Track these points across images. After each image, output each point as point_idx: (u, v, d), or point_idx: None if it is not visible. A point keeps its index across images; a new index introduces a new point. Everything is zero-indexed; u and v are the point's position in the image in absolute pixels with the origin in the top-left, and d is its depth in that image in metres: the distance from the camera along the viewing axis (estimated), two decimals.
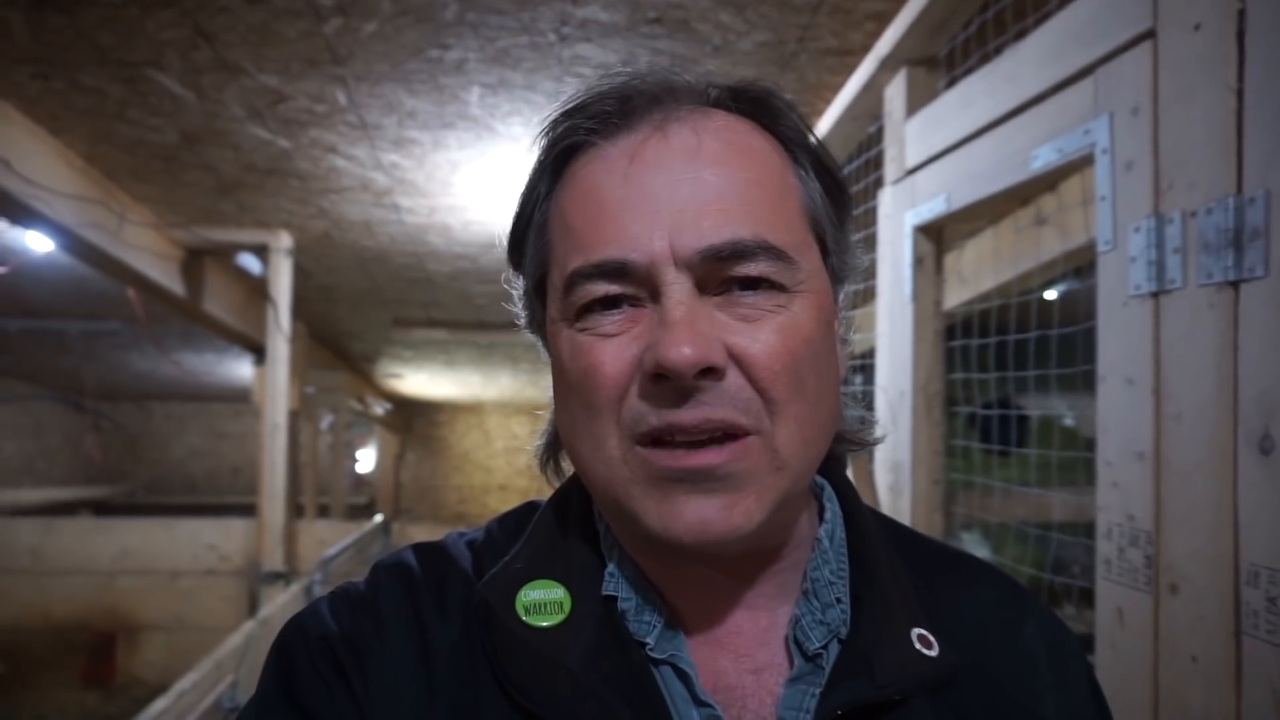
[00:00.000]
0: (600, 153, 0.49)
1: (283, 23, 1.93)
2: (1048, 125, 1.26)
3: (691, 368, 0.44)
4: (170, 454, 10.66)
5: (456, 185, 3.04)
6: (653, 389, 0.45)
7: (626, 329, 0.47)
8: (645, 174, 0.47)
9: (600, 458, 0.48)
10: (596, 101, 0.50)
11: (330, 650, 0.50)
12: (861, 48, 1.99)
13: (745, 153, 0.49)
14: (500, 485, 11.95)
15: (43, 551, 4.87)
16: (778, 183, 0.50)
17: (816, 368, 0.48)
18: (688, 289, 0.46)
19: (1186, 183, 0.97)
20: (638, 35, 1.97)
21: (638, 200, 0.47)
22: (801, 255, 0.49)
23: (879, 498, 1.86)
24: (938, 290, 1.74)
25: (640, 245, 0.46)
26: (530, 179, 0.54)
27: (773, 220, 0.48)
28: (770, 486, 0.47)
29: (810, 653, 0.51)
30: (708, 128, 0.49)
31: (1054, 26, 1.25)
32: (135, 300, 4.03)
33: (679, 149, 0.48)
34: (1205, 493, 0.93)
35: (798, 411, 0.47)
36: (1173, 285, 0.98)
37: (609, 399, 0.47)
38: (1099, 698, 0.58)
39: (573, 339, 0.49)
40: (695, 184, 0.47)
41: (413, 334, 5.83)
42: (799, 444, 0.47)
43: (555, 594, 0.51)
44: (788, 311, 0.48)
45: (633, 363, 0.46)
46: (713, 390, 0.45)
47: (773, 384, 0.46)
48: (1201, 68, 0.95)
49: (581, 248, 0.48)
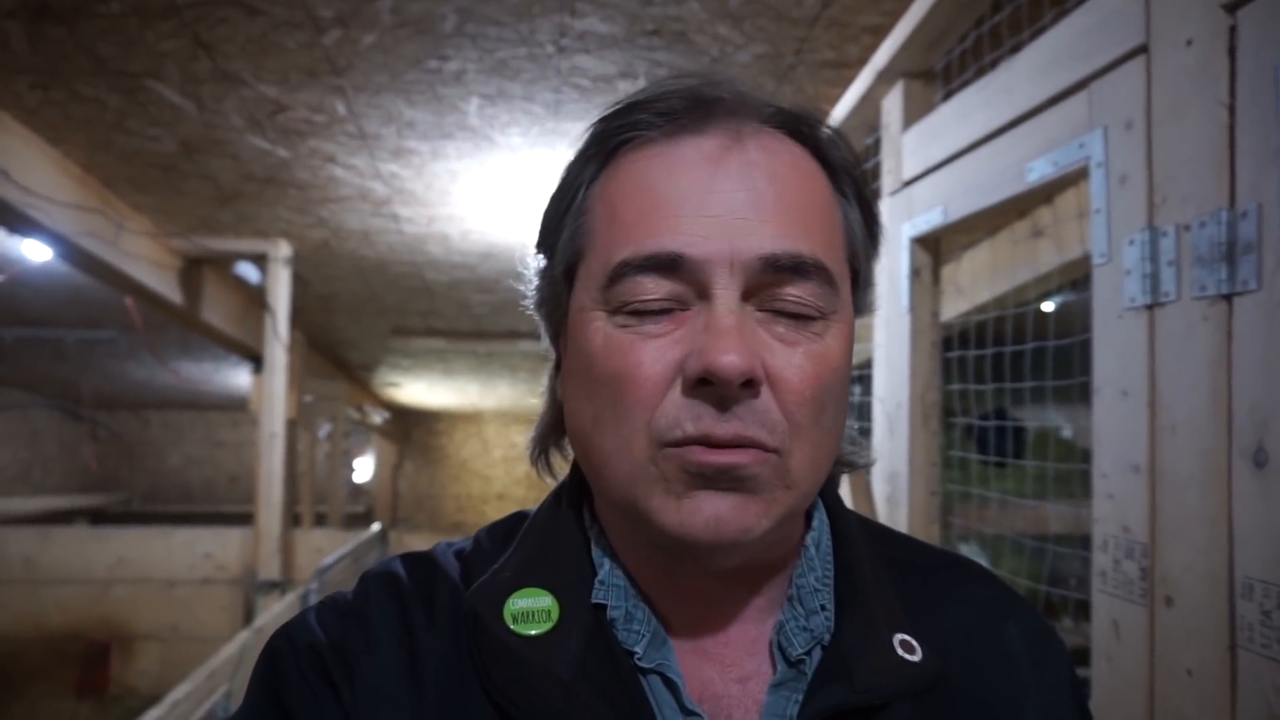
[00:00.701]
0: (659, 149, 0.49)
1: (282, 34, 1.94)
2: (1043, 138, 1.27)
3: (739, 376, 0.44)
4: (167, 462, 10.63)
5: (455, 195, 3.04)
6: (694, 392, 0.46)
7: (669, 330, 0.47)
8: (715, 178, 0.48)
9: (626, 457, 0.48)
10: (665, 99, 0.50)
11: (319, 660, 0.50)
12: (858, 61, 2.00)
13: (807, 176, 0.50)
14: (498, 494, 11.92)
15: (38, 560, 4.84)
16: (830, 211, 0.51)
17: (838, 397, 0.50)
18: (736, 297, 0.47)
19: (1180, 196, 0.97)
20: (636, 47, 1.98)
21: (702, 199, 0.47)
22: (842, 284, 0.51)
23: (876, 509, 1.86)
24: (935, 301, 1.74)
25: (697, 243, 0.46)
26: (574, 164, 0.53)
27: (826, 244, 0.49)
28: (779, 501, 0.47)
29: (793, 659, 0.51)
30: (773, 146, 0.50)
31: (1048, 41, 1.26)
32: (133, 309, 4.03)
33: (752, 162, 0.48)
34: (1200, 505, 0.93)
35: (814, 437, 0.48)
36: (1167, 298, 0.98)
37: (644, 399, 0.47)
38: (1081, 699, 0.58)
39: (609, 333, 0.48)
40: (762, 197, 0.48)
41: (411, 343, 5.82)
42: (809, 467, 0.48)
43: (543, 602, 0.51)
44: (822, 341, 0.49)
45: (672, 366, 0.46)
46: (747, 405, 0.46)
47: (799, 409, 0.47)
48: (1194, 83, 0.95)
49: (632, 239, 0.48)
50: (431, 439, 11.96)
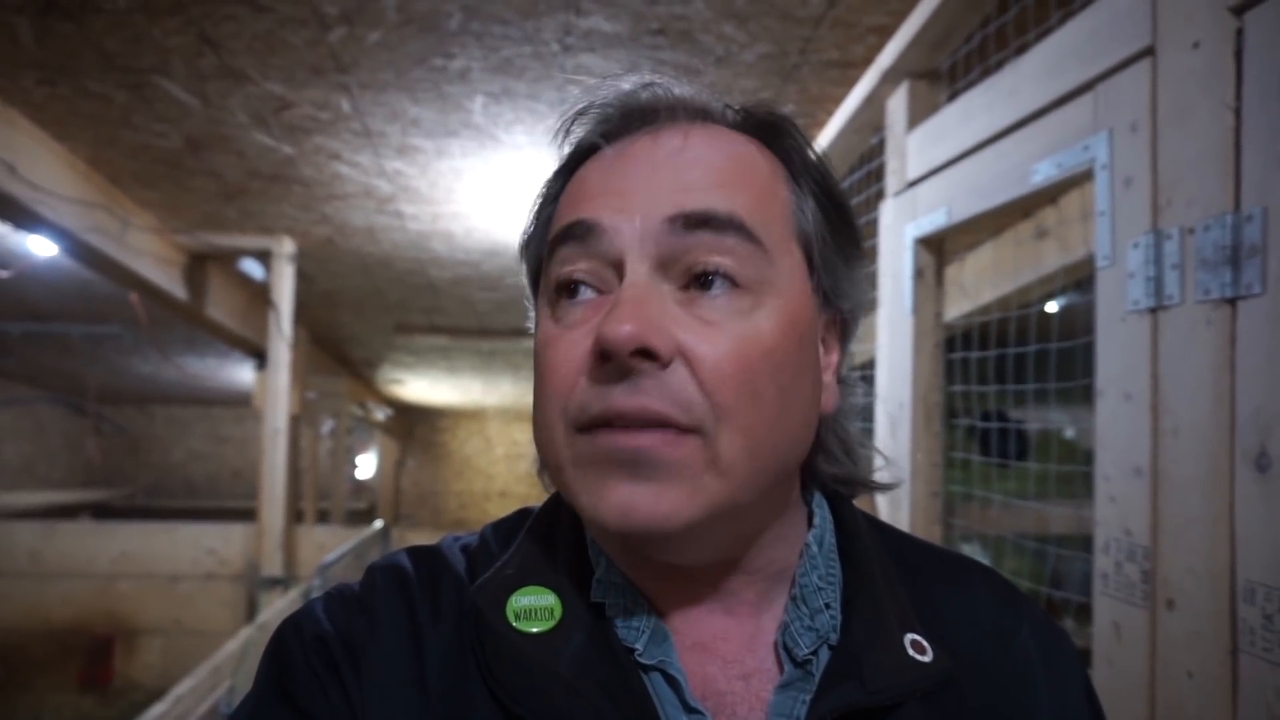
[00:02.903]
0: (600, 154, 0.52)
1: (288, 31, 1.94)
2: (1048, 140, 1.26)
3: (629, 343, 0.44)
4: (171, 457, 10.66)
5: (459, 193, 3.05)
6: (598, 371, 0.46)
7: (587, 318, 0.48)
8: (627, 164, 0.50)
9: (552, 448, 0.49)
10: (598, 109, 0.53)
11: (325, 649, 0.50)
12: (863, 60, 2.00)
13: (731, 153, 0.50)
14: (500, 491, 11.94)
15: (42, 554, 4.86)
16: (763, 183, 0.51)
17: (778, 381, 0.47)
18: (646, 270, 0.47)
19: (1185, 199, 0.97)
20: (641, 46, 1.98)
21: (619, 180, 0.49)
22: (778, 253, 0.49)
23: (878, 509, 1.86)
24: (938, 302, 1.74)
25: (608, 213, 0.48)
26: (546, 182, 0.56)
27: (750, 206, 0.48)
28: (707, 488, 0.46)
29: (799, 658, 0.51)
30: (696, 131, 0.51)
31: (1054, 42, 1.26)
32: (137, 304, 4.04)
33: (665, 145, 0.50)
34: (1202, 509, 0.93)
35: (747, 420, 0.46)
36: (1171, 301, 0.98)
37: (559, 389, 0.48)
38: (1094, 703, 0.58)
39: (544, 328, 0.50)
40: (675, 169, 0.49)
41: (414, 340, 5.83)
42: (743, 453, 0.46)
43: (546, 600, 0.51)
44: (749, 319, 0.47)
45: (585, 354, 0.47)
46: (653, 378, 0.45)
47: (719, 388, 0.45)
48: (1200, 85, 0.95)
49: (559, 220, 0.51)
50: (434, 436, 11.98)
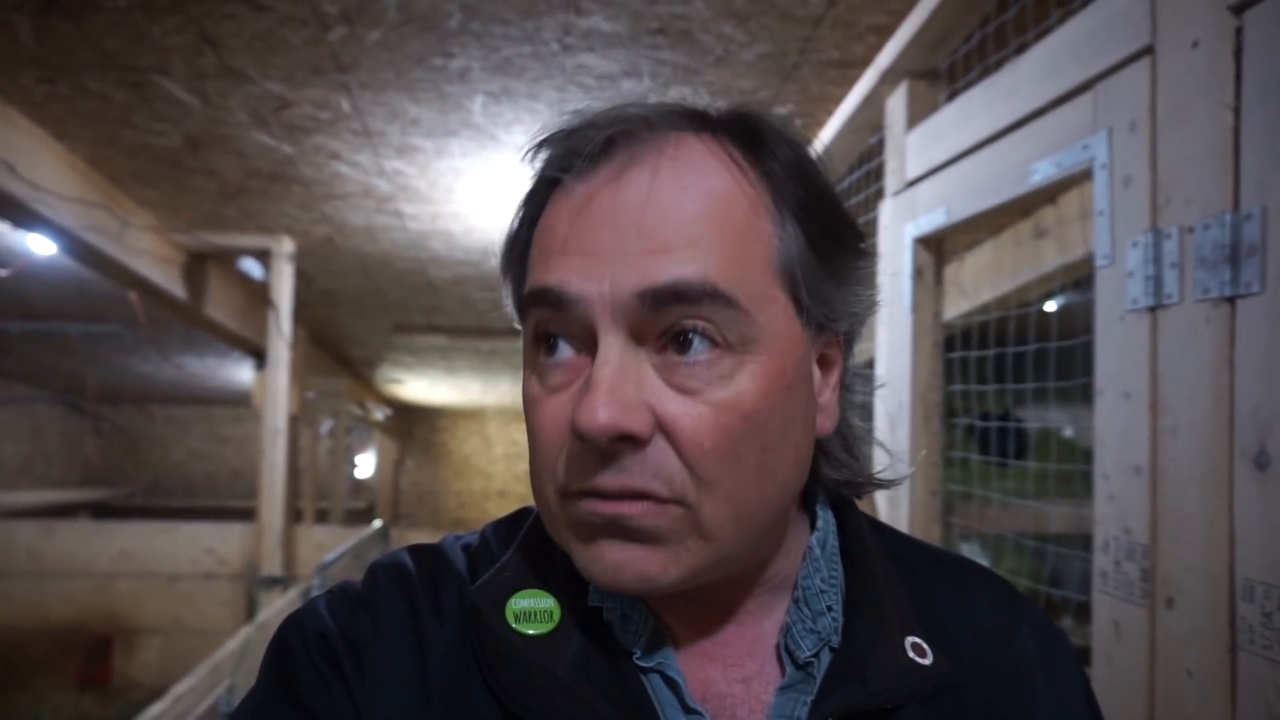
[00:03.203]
0: (566, 189, 0.48)
1: (288, 30, 1.94)
2: (1047, 140, 1.27)
3: (604, 434, 0.43)
4: (170, 457, 10.66)
5: (459, 192, 3.05)
6: (577, 450, 0.45)
7: (568, 382, 0.47)
8: (592, 215, 0.46)
9: (545, 505, 0.49)
10: (557, 139, 0.49)
11: (328, 647, 0.51)
12: (863, 60, 2.00)
13: (704, 197, 0.46)
14: (500, 491, 11.94)
15: (41, 553, 4.86)
16: (740, 228, 0.46)
17: (761, 442, 0.46)
18: (619, 345, 0.45)
19: (1184, 198, 0.97)
20: (640, 46, 1.98)
21: (581, 237, 0.46)
22: (759, 308, 0.46)
23: (877, 508, 1.86)
24: (937, 302, 1.74)
25: (576, 281, 0.45)
26: (520, 203, 0.54)
27: (727, 265, 0.45)
28: (693, 550, 0.46)
29: (801, 661, 0.51)
30: (665, 170, 0.46)
31: (1053, 42, 1.26)
32: (137, 304, 4.04)
33: (629, 193, 0.45)
34: (1201, 507, 0.93)
35: (730, 487, 0.45)
36: (1170, 300, 0.98)
37: (547, 454, 0.48)
38: (1093, 704, 0.58)
39: (530, 383, 0.50)
40: (640, 230, 0.45)
41: (414, 340, 5.83)
42: (728, 519, 0.46)
43: (545, 603, 0.52)
44: (730, 383, 0.45)
45: (566, 422, 0.46)
46: (634, 457, 0.44)
47: (700, 460, 0.44)
48: (1199, 84, 0.95)
49: (534, 274, 0.48)
50: (433, 435, 11.98)
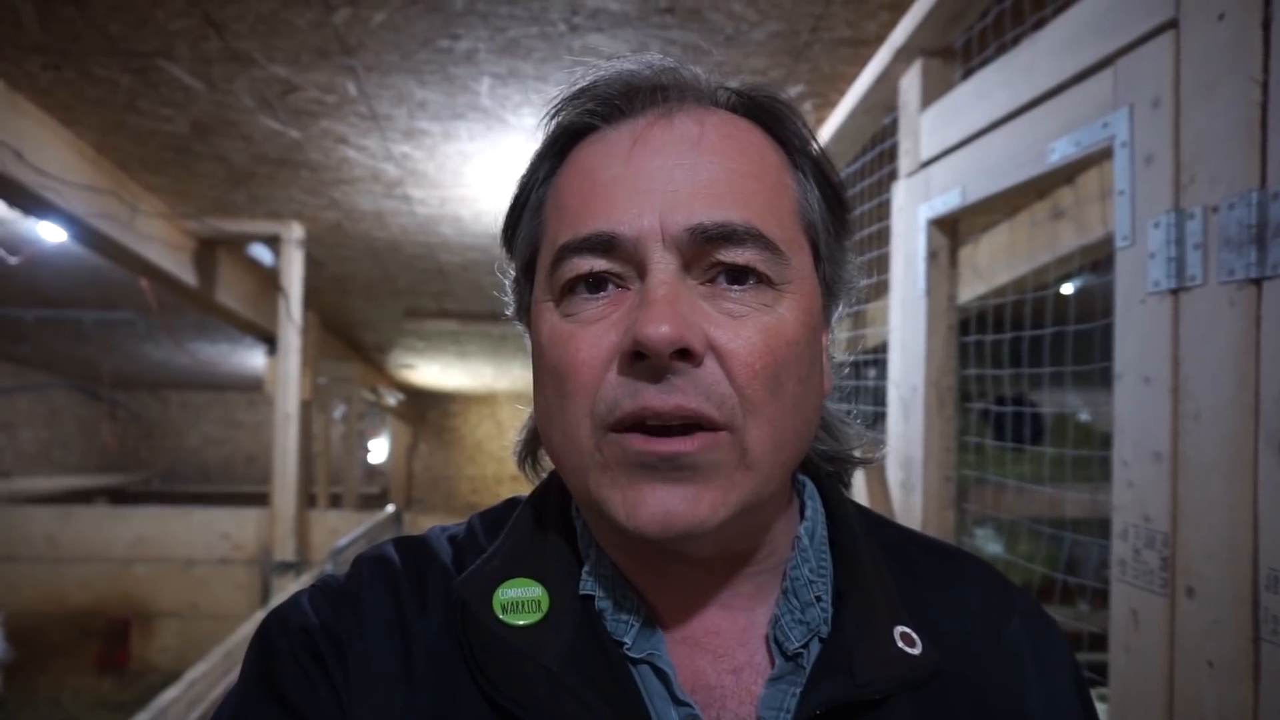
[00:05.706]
0: (602, 136, 0.50)
1: (292, 12, 1.92)
2: (1065, 118, 1.23)
3: (669, 345, 0.43)
4: (185, 442, 10.75)
5: (468, 176, 3.03)
6: (630, 368, 0.45)
7: (607, 314, 0.47)
8: (644, 155, 0.48)
9: (572, 446, 0.47)
10: (601, 86, 0.51)
11: (311, 642, 0.50)
12: (876, 38, 1.96)
13: (744, 147, 0.49)
14: (512, 475, 11.97)
15: (59, 539, 4.92)
16: (773, 180, 0.50)
17: (798, 373, 0.48)
18: (673, 269, 0.46)
19: (1208, 177, 0.94)
20: (649, 25, 1.95)
21: (632, 179, 0.47)
22: (792, 253, 0.49)
23: (891, 494, 1.85)
24: (952, 284, 1.72)
25: (629, 220, 0.46)
26: (532, 162, 0.54)
27: (765, 212, 0.48)
28: (738, 484, 0.46)
29: (790, 652, 0.50)
30: (710, 120, 0.49)
31: (1072, 16, 1.22)
32: (148, 290, 4.05)
33: (680, 136, 0.48)
34: (1224, 494, 0.91)
35: (772, 414, 0.46)
36: (1193, 282, 0.95)
37: (584, 386, 0.46)
38: (1084, 693, 0.57)
39: (554, 324, 0.48)
40: (692, 169, 0.47)
41: (425, 325, 5.84)
42: (770, 446, 0.46)
43: (533, 592, 0.51)
44: (773, 312, 0.47)
45: (610, 350, 0.46)
46: (688, 376, 0.44)
47: (750, 383, 0.45)
48: (1225, 59, 0.92)
49: (573, 223, 0.48)
50: (446, 420, 12.03)
